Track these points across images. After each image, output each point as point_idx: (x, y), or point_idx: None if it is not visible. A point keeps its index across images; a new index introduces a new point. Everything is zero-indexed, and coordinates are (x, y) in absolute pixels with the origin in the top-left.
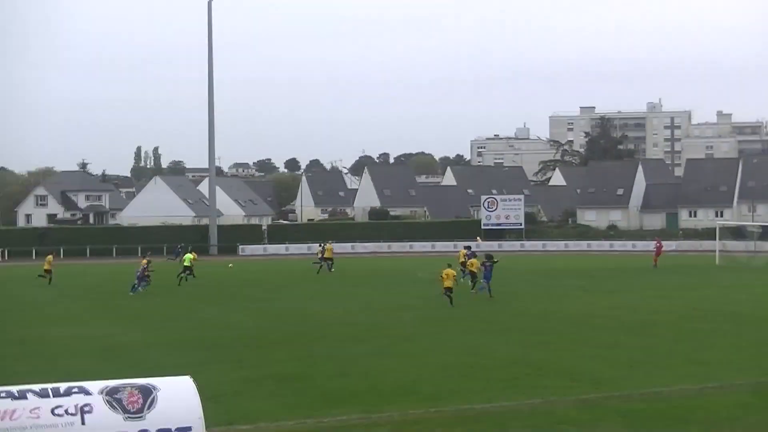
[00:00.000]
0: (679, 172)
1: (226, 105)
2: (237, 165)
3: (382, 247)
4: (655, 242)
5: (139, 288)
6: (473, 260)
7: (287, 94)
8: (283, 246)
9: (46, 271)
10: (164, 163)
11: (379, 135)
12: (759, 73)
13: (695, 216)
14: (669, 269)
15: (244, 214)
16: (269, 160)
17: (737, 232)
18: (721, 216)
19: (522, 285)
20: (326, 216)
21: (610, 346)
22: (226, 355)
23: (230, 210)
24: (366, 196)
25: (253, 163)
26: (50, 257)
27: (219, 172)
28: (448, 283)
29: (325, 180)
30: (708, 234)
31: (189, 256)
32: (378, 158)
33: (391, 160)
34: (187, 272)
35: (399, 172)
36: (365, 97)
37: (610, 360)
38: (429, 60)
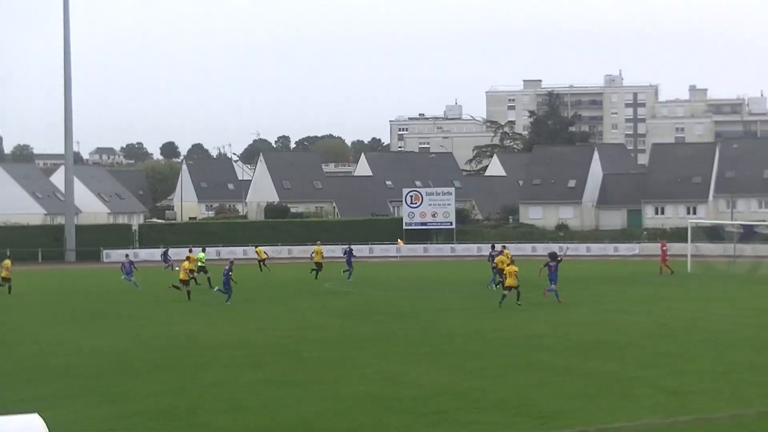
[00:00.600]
0: (643, 159)
1: (86, 77)
2: (100, 150)
3: (281, 251)
4: (660, 244)
5: None
6: (502, 257)
7: (161, 65)
8: (158, 250)
9: (3, 278)
10: (7, 148)
11: (277, 115)
12: (739, 41)
13: (662, 213)
14: (631, 278)
15: (108, 211)
16: (140, 144)
17: (713, 233)
18: (694, 213)
19: (452, 297)
20: (212, 213)
21: (560, 372)
22: (90, 387)
23: (91, 206)
24: (261, 190)
25: (121, 148)
26: (7, 262)
27: (77, 159)
28: (510, 281)
29: (211, 169)
30: (678, 235)
31: (201, 255)
32: (276, 143)
33: (292, 145)
34: (203, 273)
35: (301, 160)
36: (258, 68)
37: (561, 389)
38: (337, 20)
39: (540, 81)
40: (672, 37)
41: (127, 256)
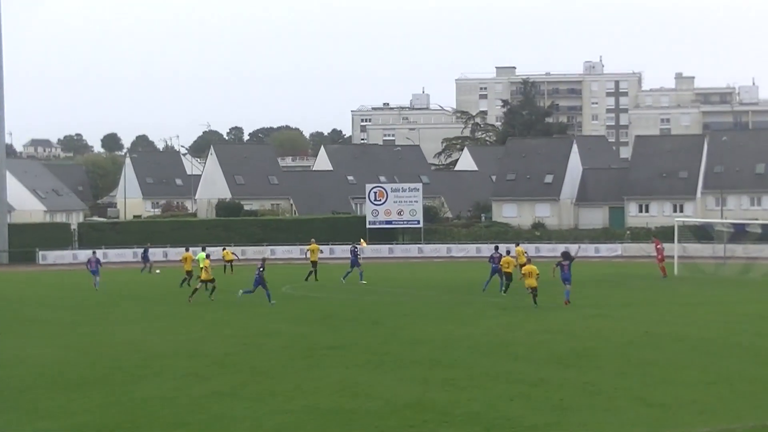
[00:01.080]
0: (625, 153)
1: (19, 62)
2: (35, 143)
3: (234, 252)
4: (654, 243)
5: None
6: (509, 258)
7: (102, 49)
8: (99, 251)
9: None
10: None
11: (229, 104)
12: (728, 25)
13: (647, 211)
14: (613, 281)
15: (45, 208)
16: (79, 136)
17: (702, 233)
18: (681, 211)
19: (420, 302)
20: (158, 211)
21: (535, 383)
22: (15, 402)
23: (26, 204)
24: (212, 185)
25: (58, 140)
26: None
27: (10, 151)
28: (531, 282)
29: (157, 163)
30: (664, 234)
31: (202, 255)
32: (228, 135)
33: (246, 138)
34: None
35: (256, 154)
36: (208, 53)
37: (536, 401)
38: (293, 2)
39: (514, 68)
40: (656, 21)
41: (94, 253)
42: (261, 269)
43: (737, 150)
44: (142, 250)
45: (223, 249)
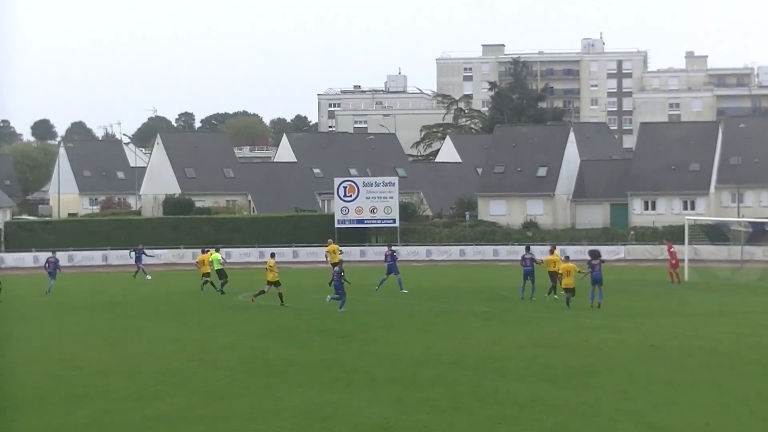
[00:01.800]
0: (629, 142)
1: None
2: None
3: (184, 255)
4: (667, 247)
5: None
6: (553, 257)
7: (30, 21)
8: (29, 254)
9: None
10: None
11: (178, 86)
12: None
13: (653, 208)
14: (614, 287)
15: None
16: (6, 123)
17: (716, 233)
18: (692, 208)
19: (396, 312)
20: (97, 209)
21: (526, 404)
22: None
23: None
24: (158, 179)
25: None
26: None
27: None
28: (568, 281)
29: (96, 154)
30: (673, 234)
31: (217, 256)
32: (177, 121)
33: (197, 124)
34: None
35: (209, 143)
36: (154, 26)
37: (527, 424)
38: None
39: (503, 46)
40: None
41: (54, 253)
42: (341, 272)
43: (756, 139)
44: (134, 251)
45: (203, 251)
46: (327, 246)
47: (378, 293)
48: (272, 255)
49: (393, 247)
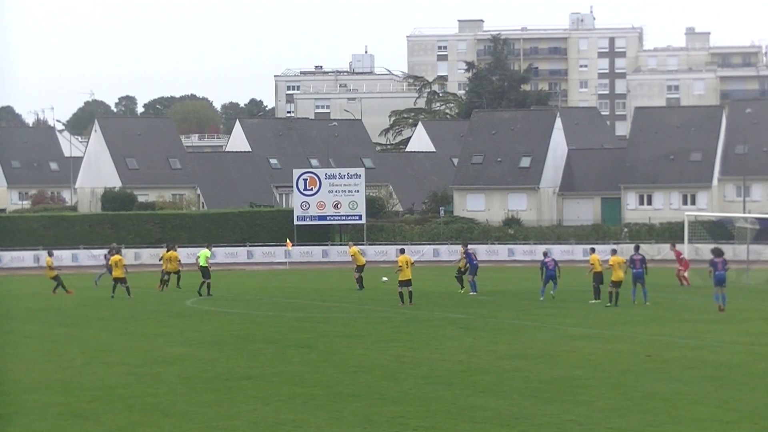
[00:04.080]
0: (622, 129)
1: None
2: None
3: (126, 255)
4: (676, 254)
5: None
6: (596, 256)
7: None
8: None
9: None
10: None
11: (118, 67)
12: None
13: (649, 203)
14: (605, 291)
15: None
16: None
17: (719, 230)
18: (693, 203)
19: (361, 319)
20: (28, 204)
21: (506, 422)
22: None
23: None
24: (96, 171)
25: None
26: None
27: None
28: (618, 275)
29: (25, 142)
30: (671, 231)
31: (205, 253)
32: (117, 106)
33: (140, 109)
34: (207, 279)
35: (153, 130)
36: (93, 4)
37: None
38: None
39: (481, 21)
40: None
41: None
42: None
43: (764, 125)
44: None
45: (168, 250)
46: (351, 246)
47: (332, 299)
48: (164, 258)
49: (469, 247)
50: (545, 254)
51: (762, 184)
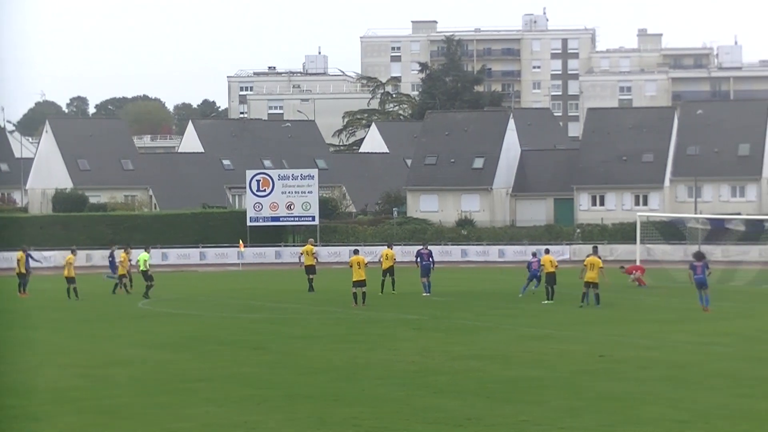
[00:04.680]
0: (575, 130)
1: None
2: None
3: (77, 256)
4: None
5: None
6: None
7: None
8: None
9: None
10: None
11: (70, 67)
12: None
13: (602, 204)
14: (558, 292)
15: None
16: None
17: (671, 230)
18: (645, 203)
19: (315, 320)
20: None
21: (460, 423)
22: None
23: None
24: (47, 172)
25: None
26: None
27: None
28: (591, 275)
29: None
30: (623, 232)
31: (144, 256)
32: (69, 107)
33: (92, 110)
34: (149, 282)
35: (105, 131)
36: (43, 2)
37: None
38: None
39: (435, 22)
40: None
41: None
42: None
43: (716, 126)
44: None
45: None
46: (385, 249)
47: (285, 301)
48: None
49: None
50: (534, 255)
51: (713, 185)
